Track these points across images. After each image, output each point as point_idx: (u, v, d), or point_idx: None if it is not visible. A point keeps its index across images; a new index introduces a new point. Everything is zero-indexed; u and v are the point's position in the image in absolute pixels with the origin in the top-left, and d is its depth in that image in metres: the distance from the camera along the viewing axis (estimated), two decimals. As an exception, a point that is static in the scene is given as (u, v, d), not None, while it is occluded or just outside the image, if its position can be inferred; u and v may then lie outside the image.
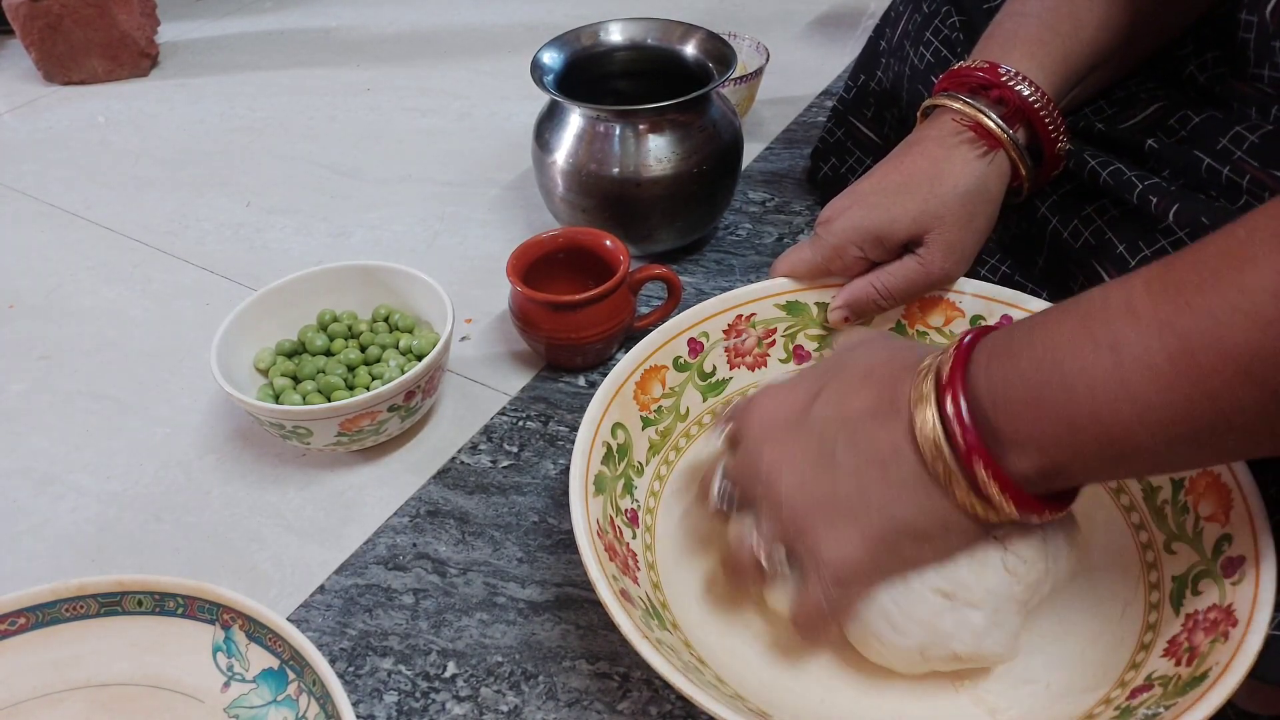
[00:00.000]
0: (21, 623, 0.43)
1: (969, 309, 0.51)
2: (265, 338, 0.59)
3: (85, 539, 0.53)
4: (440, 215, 0.78)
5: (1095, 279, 0.49)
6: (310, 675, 0.40)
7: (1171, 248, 0.46)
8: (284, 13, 1.16)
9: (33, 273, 0.74)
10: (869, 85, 0.69)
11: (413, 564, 0.51)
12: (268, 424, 0.53)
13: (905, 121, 0.66)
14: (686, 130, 0.64)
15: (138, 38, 1.00)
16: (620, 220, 0.66)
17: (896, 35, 0.65)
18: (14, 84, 1.01)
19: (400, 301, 0.61)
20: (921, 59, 0.62)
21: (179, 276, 0.73)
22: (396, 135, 0.90)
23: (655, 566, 0.45)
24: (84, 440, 0.59)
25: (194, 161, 0.87)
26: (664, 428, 0.50)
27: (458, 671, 0.46)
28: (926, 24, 0.62)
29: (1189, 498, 0.42)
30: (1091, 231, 0.50)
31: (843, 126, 0.72)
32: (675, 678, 0.35)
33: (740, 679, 0.41)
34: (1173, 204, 0.46)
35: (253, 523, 0.54)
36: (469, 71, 1.01)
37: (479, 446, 0.57)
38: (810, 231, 0.73)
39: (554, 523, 0.52)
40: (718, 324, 0.52)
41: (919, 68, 0.62)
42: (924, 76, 0.61)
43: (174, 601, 0.43)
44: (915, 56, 0.62)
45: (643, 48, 0.70)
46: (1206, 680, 0.34)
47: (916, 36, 0.62)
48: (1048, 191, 0.53)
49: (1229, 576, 0.38)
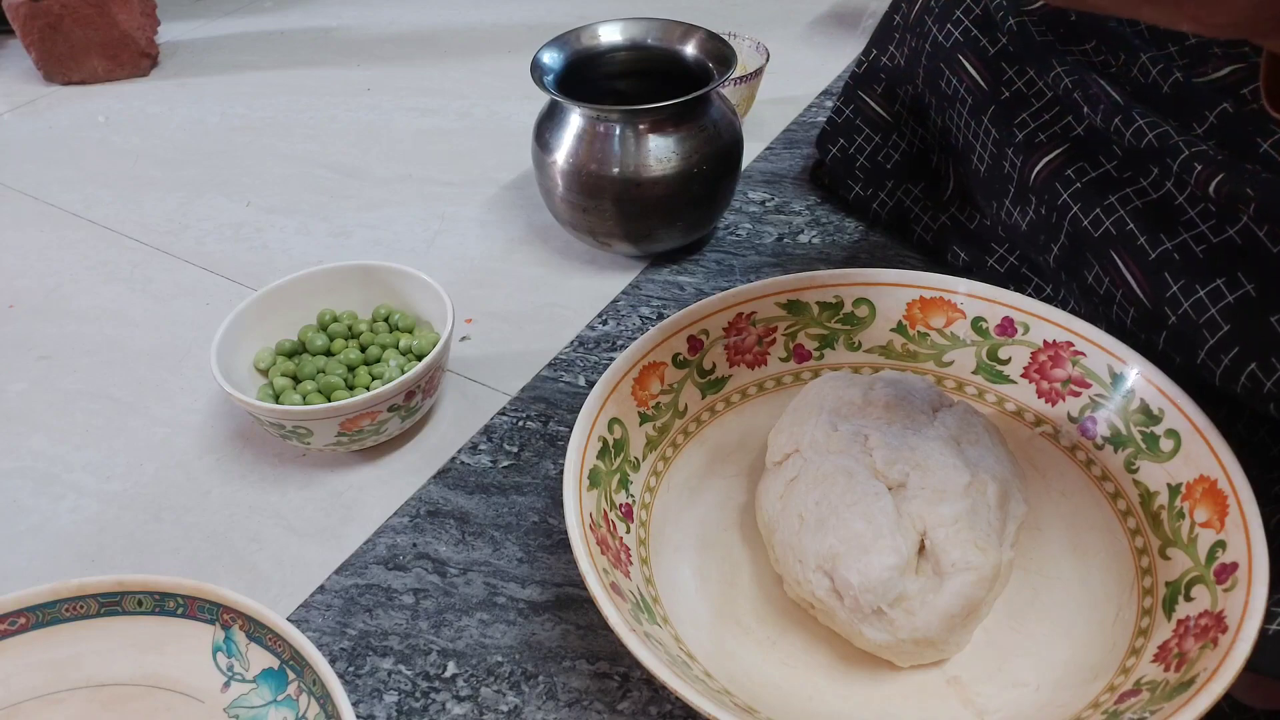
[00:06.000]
0: (21, 623, 0.43)
1: (969, 310, 0.52)
2: (265, 338, 0.59)
3: (85, 539, 0.53)
4: (440, 215, 0.78)
5: (1113, 270, 0.49)
6: (310, 675, 0.40)
7: (1194, 242, 0.46)
8: (284, 13, 1.16)
9: (33, 273, 0.74)
10: (880, 60, 0.68)
11: (413, 564, 0.51)
12: (268, 424, 0.53)
13: (919, 99, 0.66)
14: (686, 130, 0.64)
15: (138, 38, 1.00)
16: (620, 220, 0.66)
17: (915, 10, 0.64)
18: (14, 84, 1.01)
19: (400, 301, 0.61)
20: (949, 37, 0.60)
21: (179, 276, 0.73)
22: (396, 135, 0.90)
23: (648, 561, 0.45)
24: (84, 440, 0.59)
25: (194, 161, 0.87)
26: (661, 424, 0.50)
27: (458, 671, 0.46)
28: (958, 1, 0.60)
29: (1185, 503, 0.42)
30: (1113, 221, 0.49)
31: (851, 103, 0.71)
32: (662, 671, 0.35)
33: (730, 675, 0.41)
34: (1216, 174, 0.44)
35: (253, 523, 0.54)
36: (469, 71, 1.01)
37: (479, 446, 0.57)
38: (810, 231, 0.73)
39: (554, 523, 0.52)
40: (718, 321, 0.52)
41: (944, 45, 0.60)
42: (949, 54, 0.60)
43: (174, 601, 0.43)
44: (940, 34, 0.60)
45: (643, 48, 0.70)
46: (1193, 686, 0.35)
47: (944, 13, 0.61)
48: (1072, 178, 0.52)
49: (1221, 583, 0.38)
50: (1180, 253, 0.46)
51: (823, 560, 0.41)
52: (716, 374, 0.52)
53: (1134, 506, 0.44)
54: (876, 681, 0.42)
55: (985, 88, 0.58)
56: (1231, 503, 0.39)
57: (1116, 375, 0.47)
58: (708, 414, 0.52)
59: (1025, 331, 0.50)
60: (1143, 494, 0.44)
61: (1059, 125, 0.54)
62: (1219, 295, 0.44)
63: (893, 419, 0.46)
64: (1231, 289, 0.44)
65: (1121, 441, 0.46)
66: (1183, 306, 0.45)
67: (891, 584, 0.40)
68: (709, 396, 0.52)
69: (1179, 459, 0.43)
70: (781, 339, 0.53)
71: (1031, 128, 0.55)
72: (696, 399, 0.51)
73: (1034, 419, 0.50)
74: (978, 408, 0.50)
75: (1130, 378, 0.46)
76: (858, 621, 0.41)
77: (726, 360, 0.52)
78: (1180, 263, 0.46)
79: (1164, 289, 0.46)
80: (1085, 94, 0.52)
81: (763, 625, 0.45)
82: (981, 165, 0.59)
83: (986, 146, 0.58)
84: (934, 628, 0.40)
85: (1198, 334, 0.44)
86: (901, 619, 0.40)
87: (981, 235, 0.64)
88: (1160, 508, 0.43)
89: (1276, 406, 0.42)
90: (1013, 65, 0.57)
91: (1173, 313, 0.46)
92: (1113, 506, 0.46)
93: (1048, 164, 0.53)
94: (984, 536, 0.41)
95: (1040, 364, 0.50)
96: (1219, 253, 0.45)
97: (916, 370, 0.53)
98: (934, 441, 0.44)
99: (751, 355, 0.53)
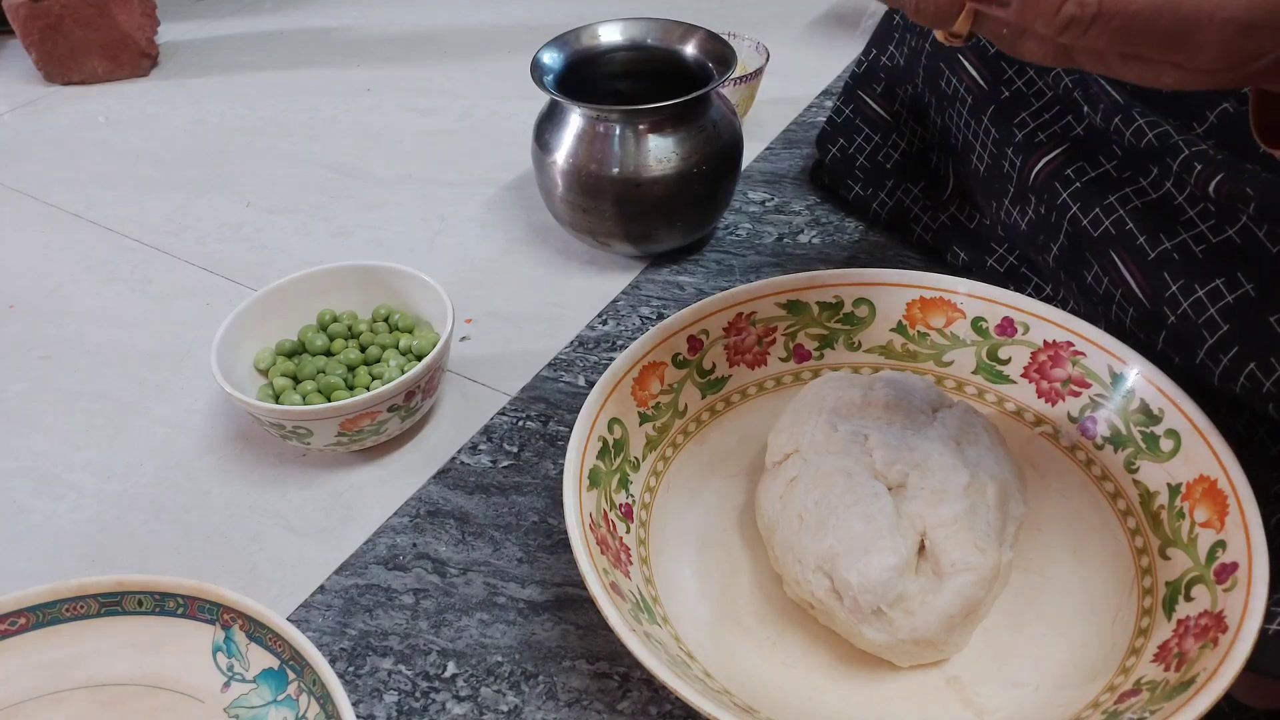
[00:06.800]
0: (21, 623, 0.43)
1: (969, 310, 0.52)
2: (265, 338, 0.59)
3: (85, 539, 0.53)
4: (440, 215, 0.78)
5: (1112, 269, 0.49)
6: (310, 675, 0.40)
7: (1193, 242, 0.46)
8: (284, 13, 1.16)
9: (33, 273, 0.74)
10: (880, 60, 0.68)
11: (413, 564, 0.51)
12: (268, 424, 0.53)
13: (919, 99, 0.66)
14: (686, 130, 0.64)
15: (138, 38, 1.00)
16: (620, 220, 0.66)
17: None
18: (14, 84, 1.01)
19: (400, 301, 0.61)
20: None
21: (179, 276, 0.73)
22: (396, 135, 0.90)
23: (648, 561, 0.45)
24: (84, 440, 0.59)
25: (194, 161, 0.87)
26: (661, 424, 0.50)
27: (458, 671, 0.46)
28: None
29: (1185, 503, 0.42)
30: (1113, 220, 0.49)
31: (851, 103, 0.71)
32: (662, 671, 0.35)
33: (730, 675, 0.41)
34: (1215, 174, 0.44)
35: (253, 523, 0.54)
36: (469, 71, 1.01)
37: (479, 446, 0.57)
38: (810, 231, 0.73)
39: (554, 523, 0.52)
40: (718, 321, 0.52)
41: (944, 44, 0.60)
42: (948, 54, 0.60)
43: (174, 601, 0.43)
44: None
45: (643, 48, 0.70)
46: (1193, 686, 0.35)
47: None
48: (1072, 177, 0.52)
49: (1221, 583, 0.38)
50: (1180, 252, 0.46)
51: (822, 560, 0.41)
52: (716, 374, 0.52)
53: (1134, 506, 0.44)
54: (876, 681, 0.42)
55: (985, 87, 0.58)
56: (1231, 503, 0.39)
57: (1116, 375, 0.47)
58: (708, 414, 0.52)
59: (1025, 331, 0.50)
60: (1143, 494, 0.44)
61: (1059, 125, 0.54)
62: (1218, 295, 0.44)
63: (893, 419, 0.46)
64: (1231, 289, 0.44)
65: (1121, 441, 0.46)
66: (1182, 306, 0.45)
67: (891, 584, 0.40)
68: (709, 396, 0.52)
69: (1179, 459, 0.43)
70: (781, 339, 0.53)
71: (1031, 127, 0.55)
72: (696, 399, 0.51)
73: (1034, 419, 0.50)
74: (978, 408, 0.50)
75: (1130, 378, 0.46)
76: (857, 622, 0.41)
77: (726, 360, 0.52)
78: (1180, 262, 0.46)
79: (1163, 289, 0.46)
80: (1085, 93, 0.52)
81: (763, 625, 0.45)
82: (981, 165, 0.59)
83: (986, 146, 0.58)
84: (933, 628, 0.40)
85: (1197, 334, 0.44)
86: (901, 619, 0.40)
87: (981, 235, 0.64)
88: (1160, 508, 0.43)
89: (1276, 406, 0.42)
90: (1012, 64, 0.57)
91: (1172, 312, 0.46)
92: (1113, 506, 0.46)
93: (1047, 163, 0.53)
94: (983, 537, 0.41)
95: (1040, 364, 0.50)
96: (1218, 252, 0.45)
97: (916, 370, 0.53)
98: (934, 442, 0.44)
99: (751, 355, 0.53)
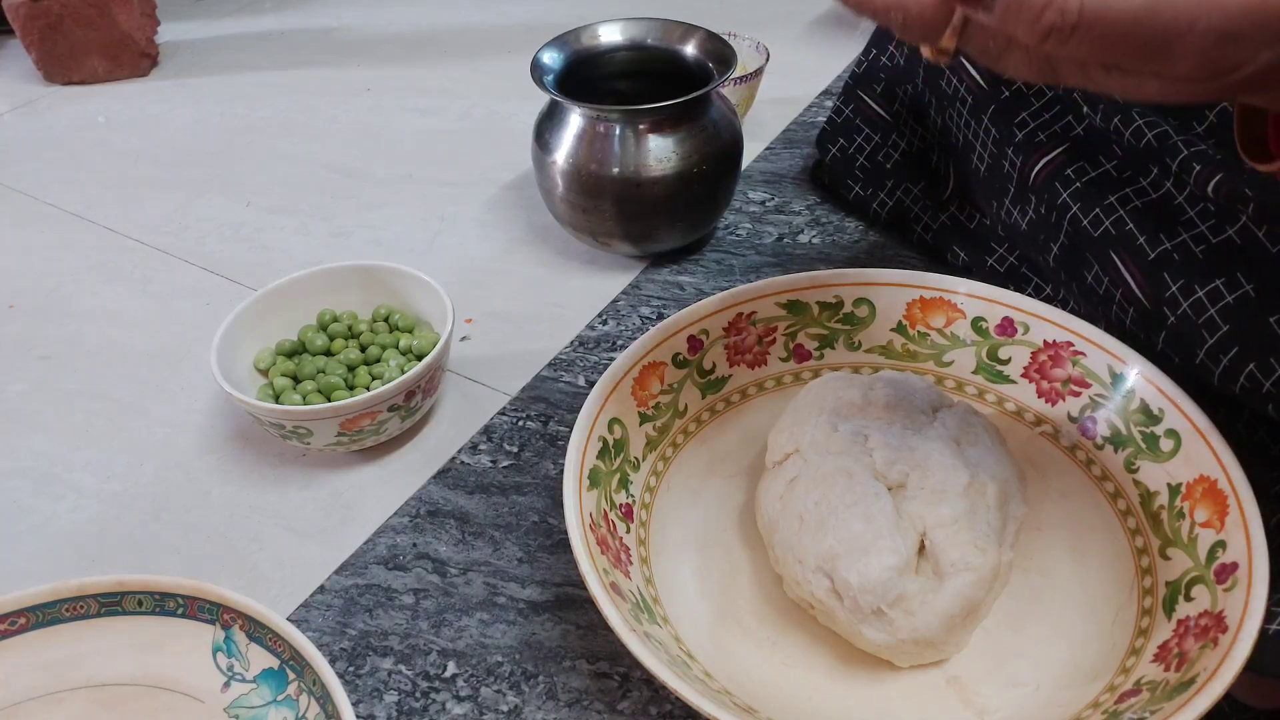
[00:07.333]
0: (21, 623, 0.43)
1: (970, 310, 0.52)
2: (265, 338, 0.59)
3: (85, 539, 0.53)
4: (440, 215, 0.78)
5: (1112, 270, 0.49)
6: (310, 675, 0.40)
7: (1193, 242, 0.46)
8: (284, 13, 1.16)
9: (33, 273, 0.74)
10: (880, 60, 0.68)
11: (413, 564, 0.51)
12: (268, 424, 0.53)
13: (919, 99, 0.66)
14: (686, 130, 0.64)
15: (138, 38, 1.00)
16: (620, 220, 0.66)
17: None
18: (14, 84, 1.01)
19: (400, 301, 0.61)
20: None
21: (179, 276, 0.73)
22: (396, 135, 0.90)
23: (649, 561, 0.45)
24: (84, 440, 0.59)
25: (194, 161, 0.87)
26: (661, 424, 0.50)
27: (458, 671, 0.46)
28: None
29: (1185, 503, 0.42)
30: (1113, 221, 0.49)
31: (851, 103, 0.71)
32: (662, 671, 0.35)
33: (730, 675, 0.41)
34: (1214, 174, 0.44)
35: (253, 523, 0.54)
36: (469, 71, 1.01)
37: (479, 446, 0.57)
38: (810, 231, 0.73)
39: (554, 523, 0.52)
40: (718, 321, 0.52)
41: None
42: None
43: (174, 601, 0.43)
44: None
45: (643, 48, 0.70)
46: (1193, 686, 0.35)
47: None
48: (1072, 177, 0.52)
49: (1221, 583, 0.38)
50: (1179, 253, 0.46)
51: (822, 560, 0.41)
52: (716, 374, 0.52)
53: (1134, 506, 0.44)
54: (876, 681, 0.42)
55: (985, 87, 0.58)
56: (1231, 503, 0.39)
57: (1116, 375, 0.47)
58: (708, 414, 0.52)
59: (1025, 331, 0.50)
60: (1143, 494, 0.44)
61: (1059, 124, 0.54)
62: (1218, 295, 0.44)
63: (893, 419, 0.46)
64: (1231, 289, 0.44)
65: (1121, 441, 0.46)
66: (1182, 306, 0.45)
67: (891, 584, 0.40)
68: (709, 396, 0.52)
69: (1179, 459, 0.43)
70: (781, 339, 0.53)
71: (1031, 127, 0.55)
72: (696, 399, 0.51)
73: (1034, 419, 0.50)
74: (978, 408, 0.50)
75: (1130, 378, 0.46)
76: (857, 622, 0.41)
77: (726, 360, 0.52)
78: (1179, 263, 0.46)
79: (1163, 289, 0.46)
80: (1085, 93, 0.52)
81: (763, 625, 0.45)
82: (981, 165, 0.59)
83: (986, 146, 0.58)
84: (934, 628, 0.40)
85: (1197, 334, 0.44)
86: (901, 619, 0.40)
87: (981, 235, 0.64)
88: (1160, 508, 0.43)
89: (1275, 407, 0.42)
90: None
91: (1172, 313, 0.46)
92: (1113, 506, 0.46)
93: (1048, 163, 0.53)
94: (983, 537, 0.41)
95: (1040, 364, 0.50)
96: (1218, 253, 0.45)
97: (916, 370, 0.53)
98: (934, 442, 0.44)
99: (751, 355, 0.53)
